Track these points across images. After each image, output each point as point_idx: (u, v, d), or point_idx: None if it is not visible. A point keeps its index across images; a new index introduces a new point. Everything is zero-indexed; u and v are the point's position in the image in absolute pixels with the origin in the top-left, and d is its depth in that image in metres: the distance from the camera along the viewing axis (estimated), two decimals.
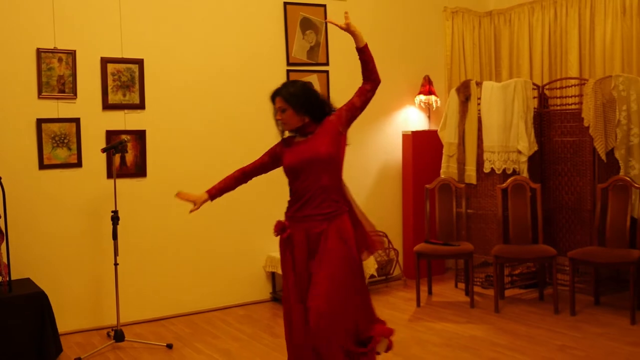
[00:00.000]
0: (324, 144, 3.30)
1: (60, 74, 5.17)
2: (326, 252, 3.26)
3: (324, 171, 3.30)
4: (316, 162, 3.29)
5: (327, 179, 3.31)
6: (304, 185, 3.33)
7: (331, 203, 3.32)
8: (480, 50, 7.29)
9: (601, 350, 4.47)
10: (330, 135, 3.33)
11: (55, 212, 5.19)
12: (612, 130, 5.68)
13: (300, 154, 3.34)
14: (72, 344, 4.95)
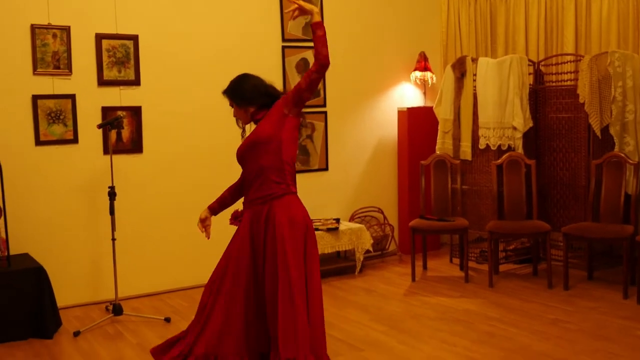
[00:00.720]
0: (264, 126, 3.27)
1: (54, 50, 5.15)
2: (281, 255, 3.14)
3: (264, 152, 3.23)
4: (255, 144, 3.25)
5: (266, 160, 3.23)
6: (248, 169, 3.33)
7: (271, 184, 3.24)
8: (476, 26, 7.26)
9: (593, 323, 4.52)
10: (273, 118, 3.28)
11: (53, 188, 5.20)
12: (607, 107, 5.69)
13: (245, 140, 3.36)
14: (71, 317, 4.99)
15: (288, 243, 3.14)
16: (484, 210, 6.19)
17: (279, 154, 3.24)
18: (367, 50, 6.70)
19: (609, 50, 5.75)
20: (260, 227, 3.24)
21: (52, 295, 4.71)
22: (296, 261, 3.14)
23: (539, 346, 4.12)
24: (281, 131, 3.25)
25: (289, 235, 3.16)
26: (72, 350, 4.32)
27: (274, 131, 3.24)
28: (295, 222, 3.20)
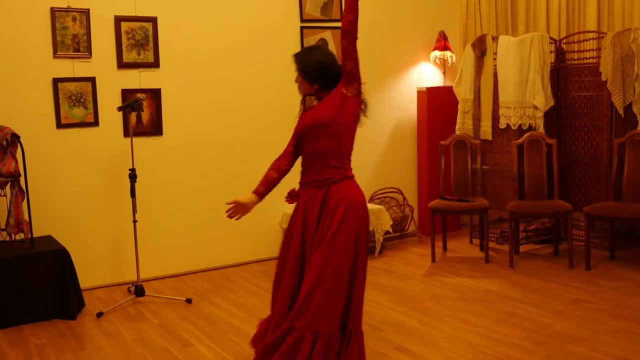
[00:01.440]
0: (325, 109, 3.22)
1: (74, 32, 5.15)
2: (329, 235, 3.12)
3: (324, 136, 3.20)
4: (315, 127, 3.22)
5: (326, 143, 3.20)
6: (306, 151, 3.31)
7: (329, 169, 3.21)
8: (497, 4, 7.15)
9: (615, 303, 4.49)
10: (334, 100, 3.22)
11: (74, 171, 5.23)
12: (630, 85, 5.61)
13: (305, 120, 3.31)
14: (94, 298, 5.04)
15: (343, 226, 3.11)
16: (505, 191, 6.15)
17: (339, 139, 3.22)
18: (386, 29, 6.63)
19: (633, 27, 5.65)
20: (315, 210, 3.21)
21: (75, 276, 4.76)
22: (345, 244, 3.11)
23: (560, 326, 4.09)
24: (342, 115, 3.20)
25: (345, 220, 3.12)
26: (95, 331, 4.37)
27: (335, 115, 3.19)
28: (352, 207, 3.16)
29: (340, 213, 3.13)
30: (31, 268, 4.55)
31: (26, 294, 4.52)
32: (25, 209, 4.74)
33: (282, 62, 6.07)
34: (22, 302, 4.51)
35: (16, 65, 4.98)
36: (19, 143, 4.66)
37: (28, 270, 4.53)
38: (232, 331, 4.27)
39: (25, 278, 4.52)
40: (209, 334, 4.22)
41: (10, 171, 4.58)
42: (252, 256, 6.04)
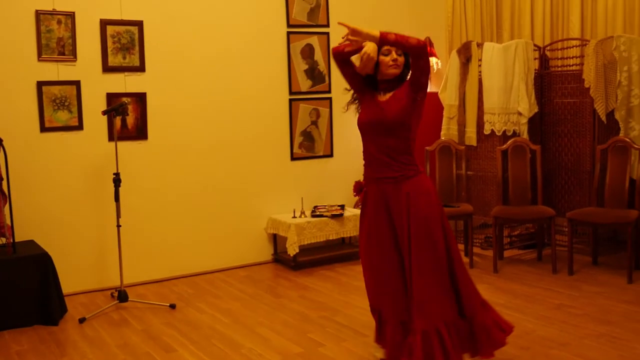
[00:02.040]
0: (395, 108, 3.24)
1: (59, 36, 5.11)
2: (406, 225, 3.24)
3: (392, 134, 3.25)
4: (385, 125, 3.25)
5: (395, 141, 3.26)
6: (373, 146, 3.33)
7: (401, 165, 3.27)
8: (482, 11, 7.18)
9: (597, 308, 4.50)
10: (403, 100, 3.24)
11: (58, 175, 5.18)
12: (612, 92, 5.65)
13: (373, 114, 3.30)
14: (77, 304, 4.98)
15: (431, 222, 3.22)
16: (489, 196, 6.16)
17: (407, 137, 3.29)
18: None
19: (615, 35, 5.70)
20: (401, 206, 3.25)
21: (58, 281, 4.70)
22: (438, 237, 3.23)
23: (544, 331, 4.10)
24: (412, 115, 3.26)
25: (430, 214, 3.23)
26: (77, 337, 4.32)
27: (405, 115, 3.24)
28: (431, 196, 3.28)
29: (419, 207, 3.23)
30: (13, 273, 4.49)
31: (7, 299, 4.46)
32: (7, 213, 4.68)
33: (268, 66, 6.08)
34: (3, 307, 4.45)
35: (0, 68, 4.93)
36: (1, 146, 4.61)
37: (10, 275, 4.47)
38: (216, 337, 4.23)
39: (6, 283, 4.46)
40: (192, 340, 4.18)
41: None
42: (237, 261, 6.01)
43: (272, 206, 6.16)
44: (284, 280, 5.55)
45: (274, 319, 4.54)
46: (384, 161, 3.29)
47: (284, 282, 5.52)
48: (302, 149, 6.30)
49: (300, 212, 6.03)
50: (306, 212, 6.10)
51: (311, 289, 5.26)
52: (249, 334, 4.25)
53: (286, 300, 4.97)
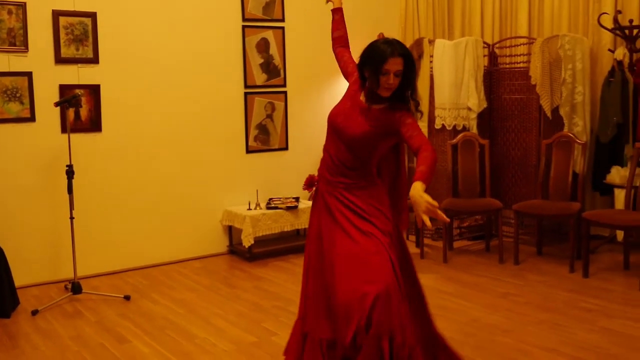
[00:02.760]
0: (366, 127, 2.84)
1: (10, 26, 5.00)
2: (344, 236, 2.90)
3: (354, 151, 2.89)
4: (350, 138, 2.89)
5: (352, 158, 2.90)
6: (334, 147, 2.98)
7: (355, 176, 2.93)
8: (434, 8, 7.28)
9: (541, 296, 4.63)
10: (381, 127, 2.83)
11: (9, 167, 5.08)
12: (557, 88, 5.78)
13: (345, 117, 2.93)
14: (30, 296, 4.91)
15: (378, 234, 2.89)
16: (439, 189, 6.25)
17: (369, 160, 2.94)
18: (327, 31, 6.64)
19: (560, 34, 5.83)
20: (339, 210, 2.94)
21: (10, 274, 4.62)
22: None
23: (489, 318, 4.20)
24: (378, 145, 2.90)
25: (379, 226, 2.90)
26: (29, 329, 4.26)
27: (377, 138, 2.86)
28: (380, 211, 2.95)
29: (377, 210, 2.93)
30: None
31: None
32: None
33: (223, 59, 6.06)
34: None
35: None
36: None
37: None
38: (170, 327, 4.22)
39: None
40: (147, 331, 4.17)
41: None
42: (192, 253, 5.99)
43: (228, 198, 6.16)
44: (239, 272, 5.57)
45: (228, 310, 4.55)
46: (339, 169, 2.96)
47: (239, 273, 5.53)
48: (257, 142, 6.31)
49: (256, 204, 6.04)
50: (261, 204, 6.11)
51: (265, 279, 5.29)
52: (204, 325, 4.25)
53: (241, 291, 4.99)
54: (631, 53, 5.60)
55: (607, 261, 5.47)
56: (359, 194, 2.94)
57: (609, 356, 3.55)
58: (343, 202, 2.95)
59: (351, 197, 2.94)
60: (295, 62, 6.46)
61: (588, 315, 4.19)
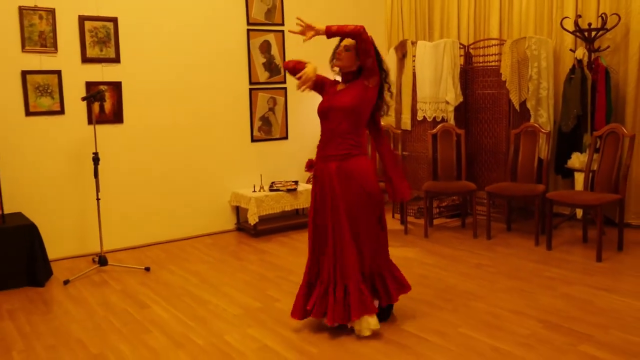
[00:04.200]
0: (350, 96, 3.29)
1: (41, 30, 4.96)
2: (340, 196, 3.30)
3: (346, 118, 3.29)
4: (340, 110, 3.29)
5: (347, 125, 3.30)
6: (329, 128, 3.36)
7: (347, 146, 3.31)
8: (416, 13, 7.25)
9: (510, 266, 4.65)
10: (358, 89, 3.30)
11: (43, 154, 5.07)
12: (525, 84, 5.78)
13: (331, 100, 3.36)
14: (62, 268, 4.92)
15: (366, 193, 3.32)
16: (421, 173, 6.26)
17: (358, 123, 3.32)
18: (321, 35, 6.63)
19: (527, 36, 5.82)
20: (341, 180, 3.30)
21: (44, 248, 4.63)
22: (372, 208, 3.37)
23: (464, 286, 4.22)
24: (363, 102, 3.29)
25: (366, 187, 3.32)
26: (62, 297, 4.27)
27: (358, 103, 3.28)
28: (369, 176, 3.35)
29: (357, 181, 3.30)
30: (3, 241, 4.41)
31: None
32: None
33: (230, 59, 6.03)
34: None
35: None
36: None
37: (0, 244, 4.38)
38: (185, 294, 4.24)
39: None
40: (165, 297, 4.18)
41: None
42: (204, 230, 6.00)
43: (235, 182, 6.15)
44: (245, 246, 5.58)
45: (236, 279, 4.57)
46: (335, 141, 3.32)
47: (245, 247, 5.54)
48: (261, 132, 6.30)
49: (260, 187, 6.04)
50: (265, 187, 6.11)
51: (269, 253, 5.30)
52: (215, 292, 4.27)
53: (247, 263, 5.00)
54: (590, 53, 5.59)
55: (567, 236, 5.49)
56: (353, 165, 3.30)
57: (569, 318, 3.57)
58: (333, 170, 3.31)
59: (338, 166, 3.30)
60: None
61: (551, 283, 4.22)
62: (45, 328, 3.68)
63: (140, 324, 3.70)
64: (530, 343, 3.24)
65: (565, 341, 3.25)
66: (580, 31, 5.61)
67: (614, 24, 5.52)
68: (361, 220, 3.35)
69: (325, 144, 3.38)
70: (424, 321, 3.59)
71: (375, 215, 3.42)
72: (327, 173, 3.35)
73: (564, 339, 3.28)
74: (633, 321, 3.50)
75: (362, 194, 3.33)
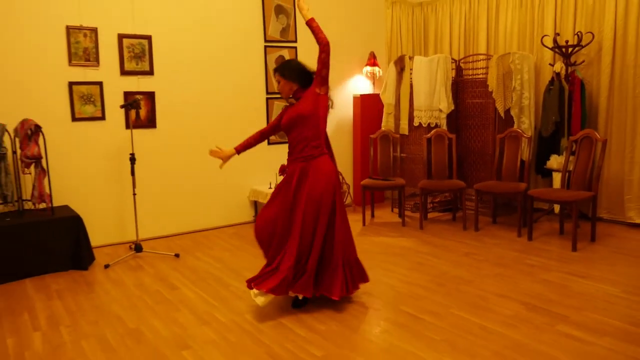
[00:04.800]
0: (305, 104, 3.33)
1: (85, 46, 4.99)
2: (305, 194, 3.32)
3: (305, 125, 3.33)
4: (299, 118, 3.33)
5: (307, 130, 3.34)
6: (292, 136, 3.40)
7: (311, 149, 3.36)
8: (413, 32, 7.24)
9: (495, 255, 4.64)
10: (310, 97, 3.34)
11: (86, 155, 5.10)
12: (509, 95, 5.75)
13: (290, 114, 3.39)
14: (103, 254, 4.95)
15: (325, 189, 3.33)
16: (417, 172, 6.25)
17: (317, 126, 3.35)
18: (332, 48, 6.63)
19: (511, 52, 5.79)
20: (305, 177, 3.35)
21: (87, 237, 4.66)
22: (328, 201, 3.34)
23: (455, 272, 4.21)
24: (318, 108, 3.33)
25: (324, 185, 3.33)
26: (102, 279, 4.31)
27: (313, 108, 3.32)
28: (328, 175, 3.36)
29: (318, 179, 3.33)
30: (52, 230, 4.44)
31: (48, 250, 4.42)
32: (46, 184, 4.61)
33: (249, 72, 6.05)
34: (44, 256, 4.41)
35: (39, 71, 4.82)
36: (41, 132, 4.52)
37: (49, 232, 4.43)
38: (210, 278, 4.26)
39: (47, 238, 4.42)
40: (192, 280, 4.20)
41: (33, 154, 4.44)
42: (226, 221, 6.01)
43: (253, 180, 6.17)
44: None
45: (254, 265, 4.56)
46: (299, 147, 3.38)
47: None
48: (276, 136, 6.31)
49: (275, 184, 6.05)
50: None
51: None
52: (236, 276, 4.28)
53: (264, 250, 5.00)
54: (567, 67, 5.56)
55: (546, 228, 5.47)
56: (315, 164, 3.34)
57: (547, 301, 3.56)
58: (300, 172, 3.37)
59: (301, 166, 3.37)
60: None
61: (531, 270, 4.20)
62: (89, 306, 3.72)
63: (171, 303, 3.73)
64: (513, 323, 3.23)
65: (544, 321, 3.24)
66: (559, 47, 5.58)
67: (588, 41, 5.49)
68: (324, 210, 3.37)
69: (293, 148, 3.42)
70: (420, 303, 3.59)
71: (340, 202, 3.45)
72: (299, 172, 3.38)
73: (543, 319, 3.27)
74: (604, 304, 3.49)
75: (328, 186, 3.36)
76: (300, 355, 2.91)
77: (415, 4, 7.30)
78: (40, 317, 3.54)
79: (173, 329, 3.30)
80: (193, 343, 3.10)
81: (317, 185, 3.33)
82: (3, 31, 4.64)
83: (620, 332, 3.08)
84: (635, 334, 3.05)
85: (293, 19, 6.25)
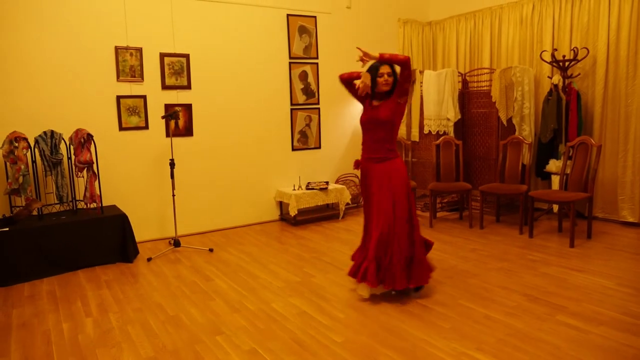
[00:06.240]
0: (385, 111, 3.33)
1: (131, 64, 5.07)
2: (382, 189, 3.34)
3: (382, 128, 3.34)
4: (378, 122, 3.33)
5: (383, 133, 3.34)
6: (368, 135, 3.41)
7: (385, 151, 3.37)
8: (423, 48, 7.20)
9: (499, 250, 4.59)
10: (391, 105, 3.34)
11: (132, 160, 5.18)
12: (511, 105, 5.69)
13: (370, 115, 3.38)
14: (146, 248, 5.01)
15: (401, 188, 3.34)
16: (427, 175, 6.21)
17: (391, 130, 3.36)
18: (349, 65, 6.63)
19: (513, 65, 5.72)
20: (382, 177, 3.35)
21: (132, 233, 4.72)
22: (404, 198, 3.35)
23: (462, 266, 4.18)
24: (395, 115, 3.33)
25: (400, 184, 3.34)
26: (145, 270, 4.36)
27: (391, 115, 3.32)
28: (403, 176, 3.36)
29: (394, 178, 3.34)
30: (101, 227, 4.52)
31: (98, 245, 4.50)
32: (96, 186, 4.69)
33: (276, 85, 6.07)
34: (95, 250, 4.49)
35: (91, 86, 4.90)
36: (92, 140, 4.60)
37: (99, 229, 4.50)
38: (241, 271, 4.28)
39: (97, 234, 4.49)
40: (224, 273, 4.23)
41: (86, 160, 4.52)
42: (254, 220, 6.04)
43: (279, 182, 6.19)
44: (287, 233, 5.60)
45: (280, 259, 4.60)
46: (374, 147, 3.38)
47: (287, 234, 5.57)
48: (299, 143, 6.32)
49: (298, 186, 6.07)
50: (302, 186, 6.13)
51: (306, 238, 5.31)
52: (263, 269, 4.30)
53: (288, 246, 5.02)
54: (564, 79, 5.47)
55: (546, 226, 5.38)
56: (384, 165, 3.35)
57: (547, 292, 3.50)
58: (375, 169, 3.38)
59: (379, 166, 3.37)
60: (326, 88, 6.44)
61: (532, 264, 4.14)
62: (134, 295, 3.77)
63: (206, 293, 3.76)
64: (515, 313, 3.19)
65: (544, 311, 3.19)
66: (556, 61, 5.49)
67: (583, 55, 5.39)
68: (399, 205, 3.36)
69: (368, 149, 3.43)
70: (430, 294, 3.56)
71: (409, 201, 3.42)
72: (371, 171, 3.41)
73: (543, 309, 3.22)
74: (599, 296, 3.42)
75: (399, 186, 3.35)
76: (322, 341, 2.91)
77: (425, 23, 7.26)
78: (92, 304, 3.60)
79: (208, 316, 3.32)
80: (226, 329, 3.12)
81: (394, 183, 3.33)
82: (61, 52, 4.74)
83: (614, 321, 3.01)
84: (628, 323, 2.99)
85: (315, 37, 6.27)
